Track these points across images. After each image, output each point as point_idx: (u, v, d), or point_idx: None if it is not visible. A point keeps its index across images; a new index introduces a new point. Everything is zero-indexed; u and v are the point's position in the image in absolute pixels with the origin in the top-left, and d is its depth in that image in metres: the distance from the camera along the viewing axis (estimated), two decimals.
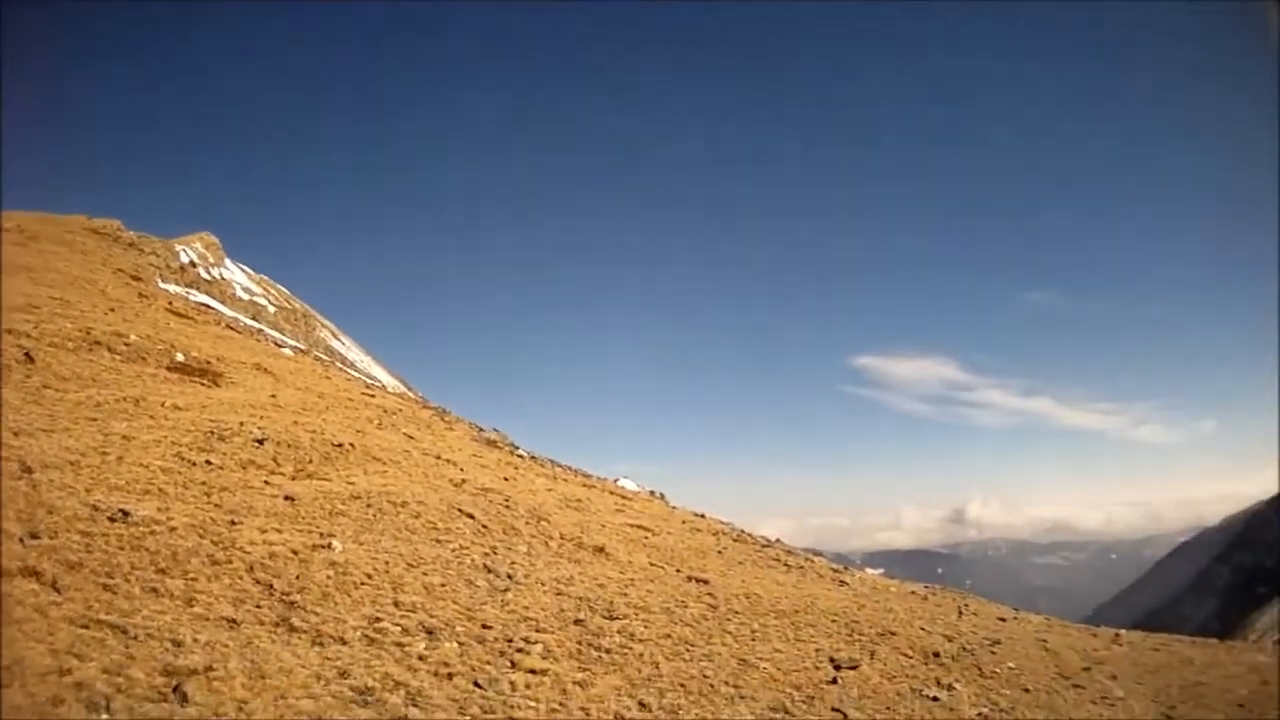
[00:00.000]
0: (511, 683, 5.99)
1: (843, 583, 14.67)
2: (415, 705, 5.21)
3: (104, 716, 4.09)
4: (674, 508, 20.43)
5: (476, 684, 5.81)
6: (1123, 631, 15.80)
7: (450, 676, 5.84)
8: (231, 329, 27.37)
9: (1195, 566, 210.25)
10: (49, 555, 5.66)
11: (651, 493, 22.53)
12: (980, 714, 8.00)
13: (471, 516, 10.50)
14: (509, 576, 8.64)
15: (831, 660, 8.48)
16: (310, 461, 11.11)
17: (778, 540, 19.40)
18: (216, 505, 8.18)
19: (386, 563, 7.79)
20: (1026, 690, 9.24)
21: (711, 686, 6.99)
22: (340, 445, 12.21)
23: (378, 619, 6.52)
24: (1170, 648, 14.15)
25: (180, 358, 16.43)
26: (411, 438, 16.17)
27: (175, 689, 4.49)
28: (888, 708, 7.53)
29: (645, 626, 8.10)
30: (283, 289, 50.94)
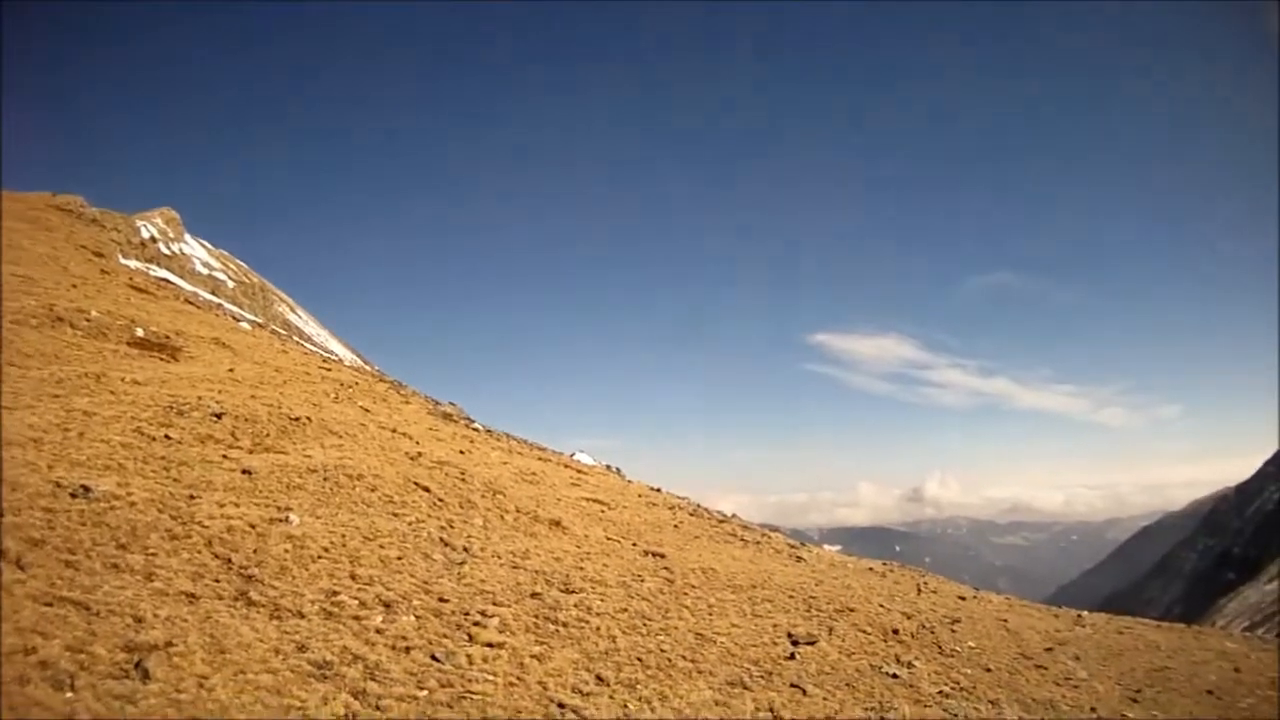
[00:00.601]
0: (469, 656, 6.13)
1: (800, 558, 14.96)
2: (373, 679, 5.34)
3: (69, 694, 4.17)
4: (630, 482, 20.67)
5: (434, 657, 5.95)
6: (1085, 613, 16.17)
7: (408, 650, 5.97)
8: (190, 304, 27.12)
9: (1159, 550, 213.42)
10: (13, 533, 5.70)
11: (608, 467, 22.75)
12: (940, 692, 8.21)
13: (427, 490, 10.60)
14: (465, 550, 8.77)
15: (789, 636, 8.68)
16: (268, 435, 11.13)
17: (734, 515, 19.69)
18: (175, 480, 8.21)
19: (343, 536, 7.88)
20: (988, 669, 9.49)
21: (669, 661, 7.17)
22: (297, 419, 12.22)
23: (335, 592, 6.62)
24: (1135, 631, 14.51)
25: (140, 333, 16.31)
26: (368, 411, 16.19)
27: (137, 665, 4.58)
28: (847, 684, 7.74)
29: (602, 600, 8.28)
30: (241, 263, 50.39)
